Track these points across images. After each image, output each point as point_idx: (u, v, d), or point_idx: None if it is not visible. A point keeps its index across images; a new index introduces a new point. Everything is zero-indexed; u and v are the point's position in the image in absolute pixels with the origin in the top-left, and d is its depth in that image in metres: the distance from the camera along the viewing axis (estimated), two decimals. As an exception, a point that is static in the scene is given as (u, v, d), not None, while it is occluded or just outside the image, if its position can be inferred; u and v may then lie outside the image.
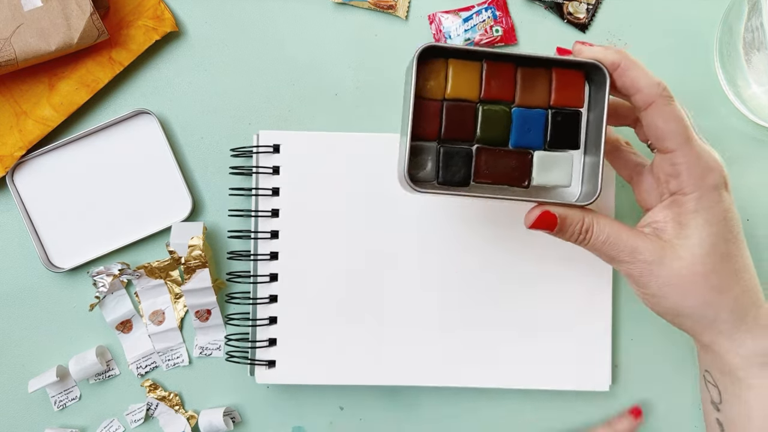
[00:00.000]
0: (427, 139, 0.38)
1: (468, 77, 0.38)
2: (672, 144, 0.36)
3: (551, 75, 0.38)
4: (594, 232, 0.38)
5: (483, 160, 0.39)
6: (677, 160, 0.37)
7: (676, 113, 0.36)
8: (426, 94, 0.38)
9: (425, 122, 0.38)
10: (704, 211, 0.37)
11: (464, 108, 0.38)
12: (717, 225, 0.37)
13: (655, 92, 0.36)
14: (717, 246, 0.37)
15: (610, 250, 0.38)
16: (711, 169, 0.37)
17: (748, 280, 0.38)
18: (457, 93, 0.38)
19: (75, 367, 0.49)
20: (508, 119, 0.38)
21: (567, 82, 0.38)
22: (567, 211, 0.38)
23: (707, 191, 0.36)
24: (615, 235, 0.38)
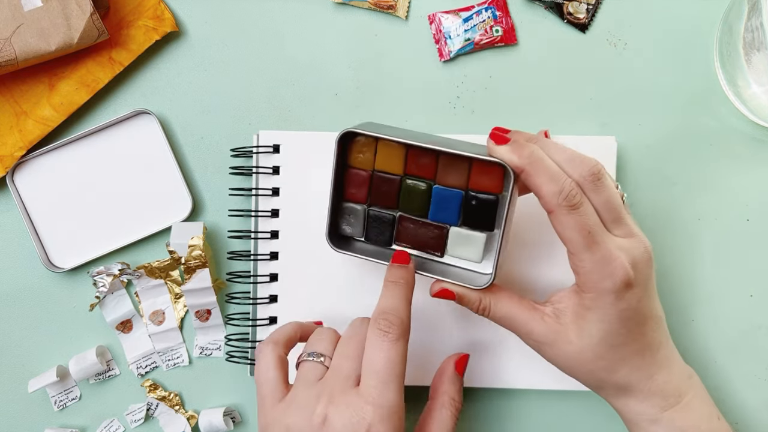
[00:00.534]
0: (357, 202, 0.43)
1: (394, 154, 0.42)
2: (571, 249, 0.38)
3: (470, 163, 0.41)
4: (491, 311, 0.41)
5: (404, 227, 0.43)
6: (576, 263, 0.38)
7: (574, 223, 0.36)
8: (358, 164, 0.43)
9: (356, 188, 0.43)
10: (598, 310, 0.38)
11: (390, 180, 0.42)
12: (610, 323, 0.38)
13: (554, 202, 0.37)
14: (606, 339, 0.38)
15: (506, 326, 0.41)
16: (609, 275, 0.37)
17: (637, 362, 0.39)
18: (383, 167, 0.42)
19: (75, 367, 0.49)
20: (428, 195, 0.42)
21: (484, 171, 0.40)
22: (465, 291, 0.41)
23: (603, 294, 0.37)
24: (511, 316, 0.41)
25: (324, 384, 0.38)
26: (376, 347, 0.37)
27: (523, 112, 0.50)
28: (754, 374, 0.50)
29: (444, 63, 0.51)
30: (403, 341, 0.38)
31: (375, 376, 0.36)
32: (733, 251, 0.50)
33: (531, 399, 0.50)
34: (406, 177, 0.42)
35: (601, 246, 0.37)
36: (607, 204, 0.38)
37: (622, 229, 0.39)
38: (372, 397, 0.36)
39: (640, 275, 0.38)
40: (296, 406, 0.37)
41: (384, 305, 0.39)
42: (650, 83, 0.50)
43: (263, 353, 0.40)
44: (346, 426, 0.35)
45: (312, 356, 0.39)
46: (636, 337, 0.39)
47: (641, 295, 0.38)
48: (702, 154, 0.50)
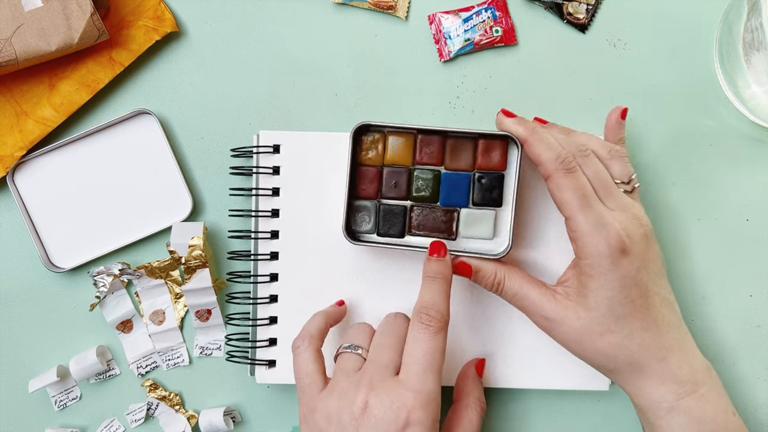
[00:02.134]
0: (368, 198, 0.46)
1: (403, 146, 0.45)
2: (567, 212, 0.40)
3: (476, 143, 0.45)
4: (505, 286, 0.42)
5: (416, 215, 0.46)
6: (572, 227, 0.40)
7: (570, 184, 0.39)
8: (367, 161, 0.45)
9: (366, 184, 0.45)
10: (599, 276, 0.39)
11: (399, 172, 0.45)
12: (612, 290, 0.39)
13: (552, 167, 0.40)
14: (613, 309, 0.39)
15: (518, 303, 0.43)
16: (604, 237, 0.39)
17: (647, 339, 0.40)
18: (393, 160, 0.45)
19: (75, 367, 0.49)
20: (437, 181, 0.45)
21: (490, 150, 0.45)
22: (481, 264, 0.43)
23: (599, 258, 0.39)
24: (523, 293, 0.42)
25: (363, 373, 0.39)
26: (417, 339, 0.39)
27: (523, 112, 0.50)
28: (754, 374, 0.50)
29: (444, 63, 0.51)
30: (443, 334, 0.40)
31: (416, 364, 0.38)
32: (733, 251, 0.50)
33: (534, 399, 0.50)
34: (416, 167, 0.46)
35: (595, 210, 0.39)
36: (596, 176, 0.41)
37: (614, 202, 0.41)
38: (413, 384, 0.38)
39: (636, 246, 0.39)
40: (338, 394, 0.39)
41: (425, 300, 0.41)
42: (650, 83, 0.50)
43: (301, 349, 0.42)
44: (386, 412, 0.37)
45: (350, 348, 0.42)
46: (641, 309, 0.40)
47: (639, 265, 0.39)
48: (702, 154, 0.50)
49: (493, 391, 0.50)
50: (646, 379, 0.40)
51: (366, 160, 0.45)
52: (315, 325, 0.44)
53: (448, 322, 0.41)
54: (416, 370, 0.38)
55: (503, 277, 0.43)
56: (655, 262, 0.41)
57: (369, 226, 0.46)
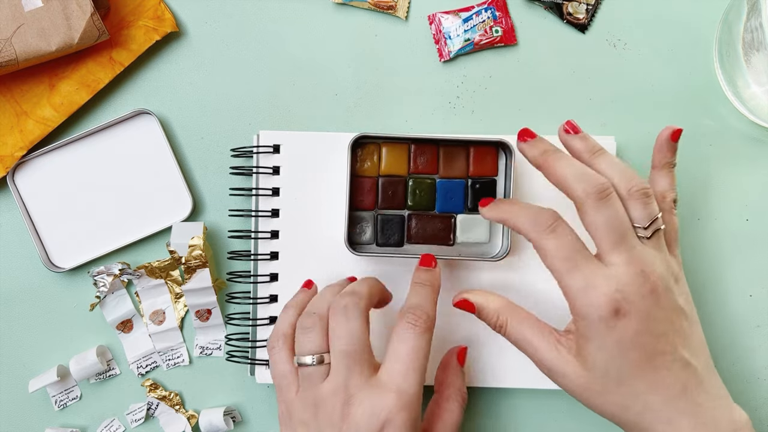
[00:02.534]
0: (366, 209, 0.46)
1: (398, 156, 0.46)
2: (555, 276, 0.38)
3: (469, 151, 0.46)
4: (508, 328, 0.40)
5: (414, 224, 0.47)
6: (562, 291, 0.37)
7: (553, 246, 0.37)
8: (364, 172, 0.46)
9: (364, 195, 0.46)
10: (594, 339, 0.37)
11: (396, 182, 0.46)
12: (608, 353, 0.36)
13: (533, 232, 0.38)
14: (609, 372, 0.37)
15: (521, 348, 0.40)
16: (593, 300, 0.36)
17: (653, 402, 0.37)
18: (389, 170, 0.46)
19: (75, 367, 0.49)
20: (433, 189, 0.46)
21: (482, 156, 0.46)
22: (484, 304, 0.41)
23: (592, 322, 0.36)
24: (526, 340, 0.39)
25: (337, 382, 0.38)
26: (402, 338, 0.38)
27: (523, 113, 0.51)
28: (754, 374, 0.50)
29: (444, 63, 0.51)
30: (429, 336, 0.39)
31: (399, 363, 0.38)
32: (733, 251, 0.50)
33: (531, 398, 0.50)
34: (411, 176, 0.46)
35: (583, 271, 0.37)
36: (609, 223, 0.37)
37: (621, 256, 0.37)
38: (395, 383, 0.37)
39: (635, 306, 0.36)
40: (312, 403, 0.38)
41: (412, 302, 0.40)
42: (650, 83, 0.50)
43: (276, 349, 0.41)
44: (369, 417, 0.36)
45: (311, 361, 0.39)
46: (645, 371, 0.37)
47: (639, 327, 0.36)
48: (702, 154, 0.50)
49: (490, 391, 0.50)
50: None
51: (362, 171, 0.46)
52: (287, 321, 0.42)
53: (434, 326, 0.40)
54: (399, 369, 0.38)
55: (506, 321, 0.40)
56: (666, 319, 0.37)
57: (368, 237, 0.47)
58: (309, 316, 0.40)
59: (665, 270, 0.38)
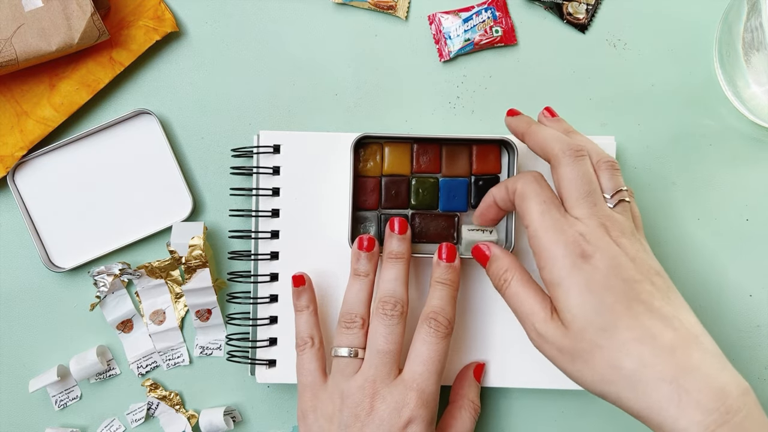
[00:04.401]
0: (369, 209, 0.46)
1: (401, 155, 0.46)
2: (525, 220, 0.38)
3: (471, 149, 0.46)
4: (510, 285, 0.39)
5: (417, 223, 0.47)
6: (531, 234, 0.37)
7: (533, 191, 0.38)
8: (367, 172, 0.46)
9: (367, 195, 0.46)
10: (561, 280, 0.35)
11: (399, 182, 0.46)
12: (579, 294, 0.34)
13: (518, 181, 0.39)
14: (588, 317, 0.34)
15: (513, 304, 0.39)
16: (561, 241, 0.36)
17: (645, 354, 0.33)
18: (392, 170, 0.46)
19: (76, 367, 0.49)
20: (436, 188, 0.46)
21: (485, 154, 0.46)
22: (498, 255, 0.41)
23: (557, 261, 0.35)
24: (521, 300, 0.38)
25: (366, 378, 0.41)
26: (425, 341, 0.41)
27: (523, 113, 0.50)
28: (754, 374, 0.50)
29: (444, 63, 0.51)
30: (448, 340, 0.42)
31: (421, 365, 0.41)
32: (732, 251, 0.50)
33: (533, 399, 0.50)
34: (414, 175, 0.46)
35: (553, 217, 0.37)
36: (571, 180, 0.37)
37: (587, 210, 0.37)
38: (417, 383, 0.40)
39: (599, 250, 0.35)
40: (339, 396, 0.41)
41: (435, 305, 0.42)
42: (650, 83, 0.50)
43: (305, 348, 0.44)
44: (391, 413, 0.40)
45: (347, 353, 0.42)
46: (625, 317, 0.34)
47: (606, 270, 0.34)
48: (702, 154, 0.50)
49: (493, 391, 0.50)
50: (660, 409, 0.32)
51: (365, 171, 0.46)
52: (310, 323, 0.45)
53: (453, 327, 0.43)
54: (421, 371, 0.41)
55: (511, 277, 0.39)
56: (635, 269, 0.35)
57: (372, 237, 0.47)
58: (352, 316, 0.43)
59: (630, 229, 0.37)
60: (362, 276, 0.44)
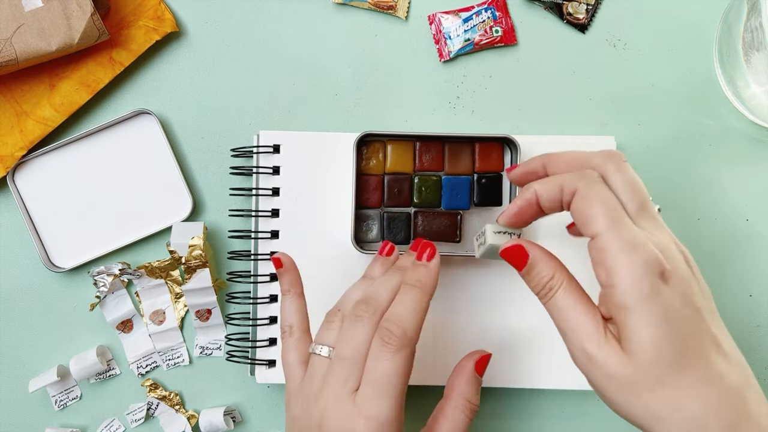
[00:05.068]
0: (372, 207, 0.47)
1: (404, 153, 0.46)
2: (592, 229, 0.32)
3: (474, 147, 0.47)
4: (557, 295, 0.33)
5: (420, 221, 0.47)
6: (599, 247, 0.31)
7: (597, 195, 0.32)
8: (369, 170, 0.46)
9: (370, 193, 0.46)
10: (637, 307, 0.30)
11: (402, 180, 0.47)
12: (655, 326, 0.30)
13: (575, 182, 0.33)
14: (661, 352, 0.30)
15: (560, 322, 0.33)
16: (640, 257, 0.30)
17: (712, 397, 0.30)
18: (394, 168, 0.46)
19: (76, 367, 0.49)
20: (439, 186, 0.47)
21: (487, 152, 0.46)
22: (539, 257, 0.34)
23: (635, 284, 0.30)
24: (573, 310, 0.33)
25: (324, 385, 0.36)
26: (376, 356, 0.35)
27: (523, 112, 0.51)
28: (755, 374, 0.50)
29: (444, 63, 0.51)
30: (405, 354, 0.35)
31: (371, 387, 0.35)
32: (733, 251, 0.50)
33: (534, 399, 0.50)
34: (417, 174, 0.47)
35: (627, 227, 0.31)
36: (630, 187, 0.33)
37: (649, 222, 0.33)
38: (366, 409, 0.34)
39: (678, 272, 0.31)
40: (302, 400, 0.37)
41: (393, 310, 0.36)
42: (650, 83, 0.50)
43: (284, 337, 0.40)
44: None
45: (318, 350, 0.37)
46: (697, 355, 0.30)
47: (682, 296, 0.31)
48: (702, 154, 0.50)
49: (494, 391, 0.50)
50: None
51: (368, 169, 0.46)
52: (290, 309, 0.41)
53: (415, 341, 0.35)
54: (370, 393, 0.34)
55: (560, 284, 0.33)
56: (703, 297, 0.32)
57: (374, 235, 0.47)
58: (336, 311, 0.39)
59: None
60: (367, 278, 0.40)
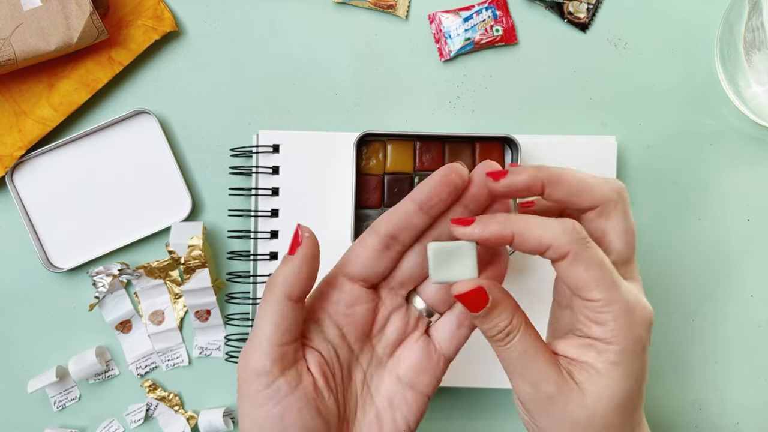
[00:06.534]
0: (372, 207, 0.46)
1: (404, 153, 0.46)
2: (596, 293, 0.30)
3: (474, 147, 0.47)
4: (516, 339, 0.32)
5: None
6: (600, 308, 0.31)
7: (597, 259, 0.30)
8: (369, 170, 0.46)
9: (369, 193, 0.46)
10: (625, 365, 0.31)
11: (401, 180, 0.46)
12: (632, 381, 0.31)
13: (566, 242, 0.30)
14: (626, 402, 0.31)
15: (519, 366, 0.32)
16: (642, 319, 0.31)
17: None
18: (394, 168, 0.46)
19: (75, 368, 0.49)
20: None
21: (488, 152, 0.46)
22: (502, 300, 0.31)
23: (631, 344, 0.31)
24: (532, 354, 0.31)
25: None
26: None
27: (523, 112, 0.50)
28: (755, 374, 0.50)
29: (444, 62, 0.51)
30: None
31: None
32: (734, 251, 0.50)
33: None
34: (417, 173, 0.46)
35: (625, 288, 0.31)
36: (629, 235, 0.32)
37: (630, 269, 0.33)
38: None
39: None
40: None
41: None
42: (650, 83, 0.50)
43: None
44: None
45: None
46: (642, 400, 0.33)
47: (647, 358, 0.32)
48: (702, 154, 0.50)
49: (493, 391, 0.50)
50: None
51: (367, 169, 0.46)
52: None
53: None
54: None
55: (518, 328, 0.32)
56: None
57: None
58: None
59: None
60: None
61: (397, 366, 0.35)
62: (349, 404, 0.35)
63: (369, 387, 0.35)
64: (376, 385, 0.35)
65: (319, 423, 0.32)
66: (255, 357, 0.33)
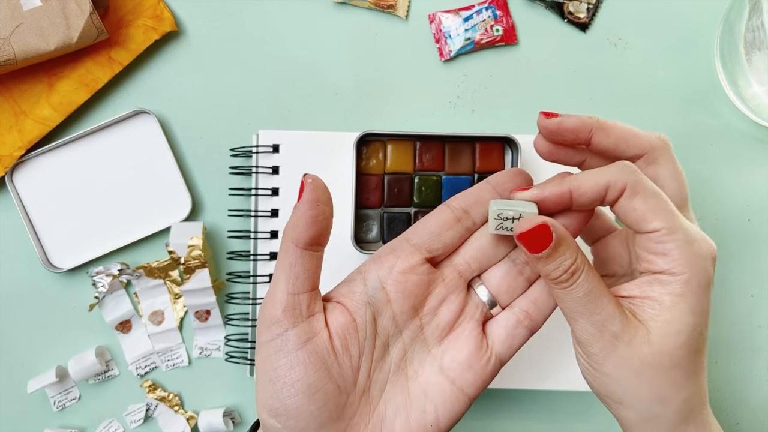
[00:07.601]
0: (372, 207, 0.46)
1: (404, 153, 0.46)
2: (657, 220, 0.30)
3: (474, 147, 0.46)
4: (581, 279, 0.30)
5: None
6: (664, 237, 0.30)
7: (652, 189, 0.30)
8: (369, 170, 0.46)
9: (370, 193, 0.46)
10: (691, 297, 0.30)
11: (402, 180, 0.46)
12: (698, 317, 0.30)
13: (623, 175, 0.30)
14: (692, 340, 0.30)
15: (583, 307, 0.30)
16: (708, 247, 0.31)
17: (701, 381, 0.32)
18: (394, 168, 0.46)
19: (74, 368, 0.49)
20: (439, 186, 0.46)
21: (488, 152, 0.46)
22: (566, 237, 0.30)
23: (697, 275, 0.30)
24: (597, 293, 0.30)
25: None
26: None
27: (523, 112, 0.50)
28: (755, 374, 0.50)
29: (444, 62, 0.51)
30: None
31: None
32: (734, 251, 0.50)
33: (534, 399, 0.50)
34: (417, 173, 0.46)
35: (685, 220, 0.31)
36: (680, 178, 0.33)
37: (687, 214, 0.33)
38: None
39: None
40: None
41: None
42: (651, 83, 0.50)
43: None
44: None
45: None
46: (706, 343, 0.32)
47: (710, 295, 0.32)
48: (703, 153, 0.50)
49: (495, 392, 0.50)
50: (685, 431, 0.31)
51: (368, 169, 0.46)
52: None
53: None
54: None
55: (582, 267, 0.30)
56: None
57: (374, 235, 0.47)
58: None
59: None
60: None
61: (442, 355, 0.33)
62: (376, 377, 0.32)
63: (406, 367, 0.33)
64: (415, 369, 0.33)
65: (329, 386, 0.30)
66: (267, 306, 0.32)
